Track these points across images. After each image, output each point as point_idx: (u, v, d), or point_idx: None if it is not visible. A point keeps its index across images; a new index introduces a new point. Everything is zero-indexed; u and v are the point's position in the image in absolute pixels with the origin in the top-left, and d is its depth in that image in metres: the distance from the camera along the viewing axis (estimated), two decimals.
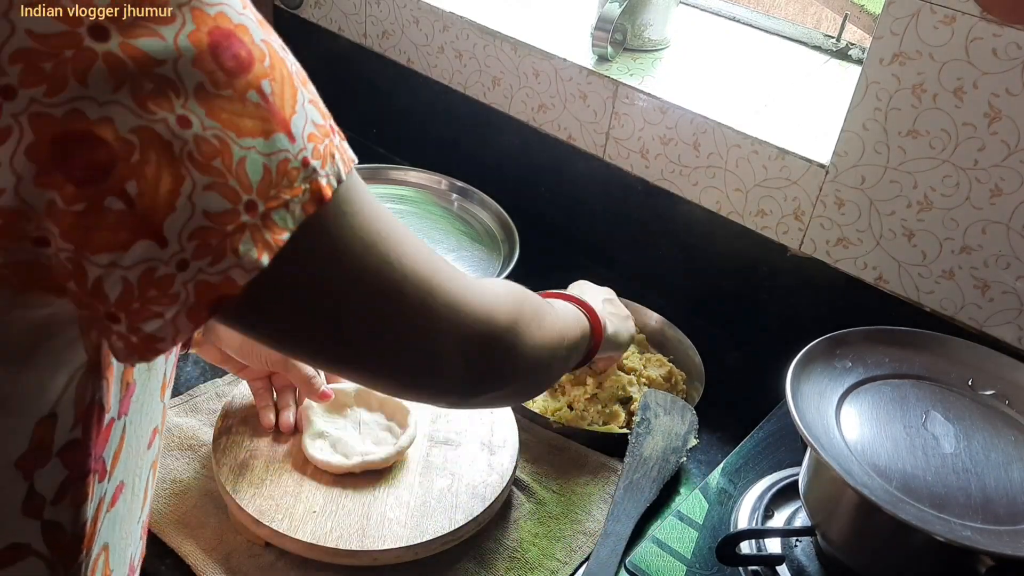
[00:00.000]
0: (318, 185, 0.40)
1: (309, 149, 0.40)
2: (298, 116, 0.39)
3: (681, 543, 0.79)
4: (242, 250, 0.38)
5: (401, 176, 1.31)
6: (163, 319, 0.38)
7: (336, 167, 0.42)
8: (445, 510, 0.78)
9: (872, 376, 0.76)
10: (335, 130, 0.43)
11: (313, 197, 0.40)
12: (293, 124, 0.39)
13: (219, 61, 0.36)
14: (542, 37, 1.18)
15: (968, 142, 0.84)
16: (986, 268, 0.88)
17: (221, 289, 0.38)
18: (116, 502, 0.49)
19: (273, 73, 0.39)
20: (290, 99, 0.39)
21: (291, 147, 0.39)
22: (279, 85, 0.39)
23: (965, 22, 0.80)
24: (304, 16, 1.45)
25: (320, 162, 0.40)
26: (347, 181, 0.43)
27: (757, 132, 1.00)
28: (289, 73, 0.40)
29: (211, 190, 0.36)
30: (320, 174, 0.40)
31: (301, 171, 0.39)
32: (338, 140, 0.43)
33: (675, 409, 0.93)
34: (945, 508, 0.64)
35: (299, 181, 0.39)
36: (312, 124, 0.40)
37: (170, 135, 0.35)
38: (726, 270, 1.09)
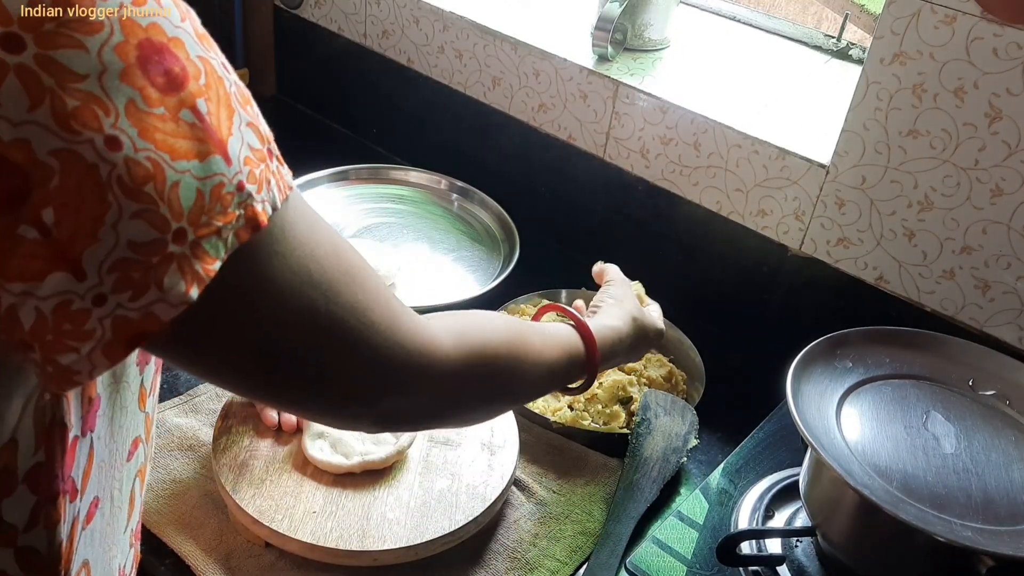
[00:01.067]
0: (253, 211, 0.38)
1: (245, 173, 0.38)
2: (235, 138, 0.37)
3: (681, 543, 0.79)
4: (167, 283, 0.35)
5: (401, 176, 1.31)
6: (78, 353, 0.35)
7: (272, 194, 0.40)
8: (445, 510, 0.78)
9: (872, 376, 0.76)
10: (274, 154, 0.41)
11: (248, 223, 0.38)
12: (230, 146, 0.37)
13: (150, 76, 0.34)
14: (542, 37, 1.18)
15: (969, 142, 0.84)
16: (987, 268, 0.88)
17: (141, 326, 0.36)
18: (92, 518, 0.48)
19: (209, 92, 0.36)
20: (227, 120, 0.37)
21: (227, 170, 0.37)
22: (215, 105, 0.36)
23: (966, 22, 0.80)
24: (304, 16, 1.45)
25: (256, 187, 0.38)
26: (283, 209, 0.41)
27: (757, 132, 1.00)
28: (227, 93, 0.37)
29: (139, 218, 0.34)
30: (256, 199, 0.38)
31: (235, 196, 0.37)
32: (275, 165, 0.41)
33: (675, 409, 0.93)
34: (945, 508, 0.64)
35: (233, 206, 0.37)
36: (248, 147, 0.38)
37: (96, 158, 0.32)
38: (726, 270, 1.09)
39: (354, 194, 1.27)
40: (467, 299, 1.06)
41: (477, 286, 1.11)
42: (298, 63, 1.53)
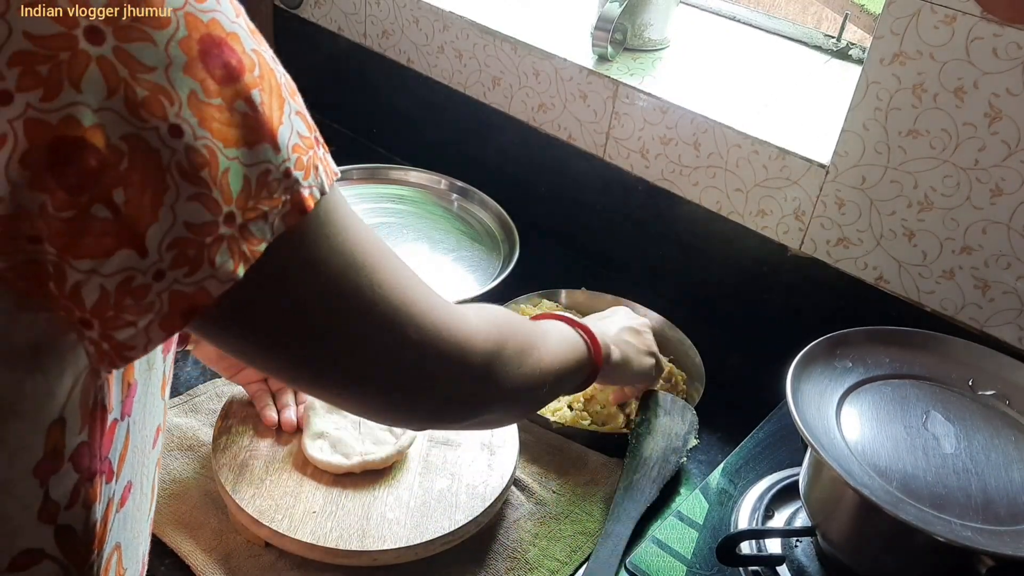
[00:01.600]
0: (299, 196, 0.40)
1: (292, 160, 0.39)
2: (284, 127, 0.39)
3: (681, 543, 0.79)
4: (218, 261, 0.38)
5: (401, 176, 1.31)
6: (136, 328, 0.37)
7: (320, 179, 0.41)
8: (445, 510, 0.78)
9: (872, 376, 0.76)
10: (320, 142, 0.43)
11: (294, 208, 0.40)
12: (280, 134, 0.39)
13: (209, 69, 0.36)
14: (542, 37, 1.18)
15: (969, 142, 0.84)
16: (987, 268, 0.88)
17: (195, 299, 0.38)
18: (126, 502, 0.49)
19: (263, 83, 0.38)
20: (278, 109, 0.39)
21: (275, 158, 0.39)
22: (268, 95, 0.38)
23: (965, 22, 0.80)
24: (304, 16, 1.45)
25: (303, 173, 0.40)
26: (329, 194, 0.42)
27: (757, 132, 1.00)
28: (278, 84, 0.40)
29: (194, 201, 0.36)
30: (302, 185, 0.40)
31: (282, 182, 0.39)
32: (322, 152, 0.43)
33: (675, 409, 0.93)
34: (945, 508, 0.64)
35: (279, 192, 0.39)
36: (297, 135, 0.40)
37: (159, 143, 0.35)
38: (726, 270, 1.09)
39: (354, 194, 1.27)
40: (467, 299, 1.06)
41: (477, 286, 1.11)
42: (298, 63, 1.51)
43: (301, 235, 0.41)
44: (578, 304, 1.10)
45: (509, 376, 0.59)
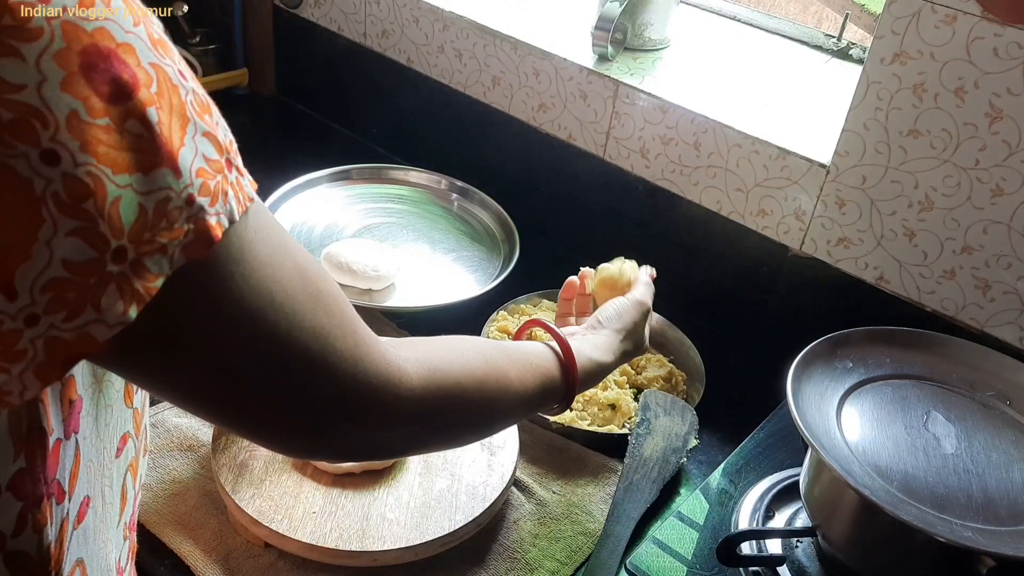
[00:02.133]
0: (205, 225, 0.36)
1: (197, 185, 0.36)
2: (187, 149, 0.35)
3: (681, 544, 0.79)
4: (105, 304, 0.34)
5: (401, 176, 1.31)
6: (8, 375, 0.34)
7: (229, 206, 0.38)
8: (445, 510, 0.78)
9: (873, 376, 0.75)
10: (233, 165, 0.39)
11: (198, 238, 0.36)
12: (181, 158, 0.35)
13: (94, 85, 0.32)
14: (542, 37, 1.18)
15: (969, 142, 0.84)
16: (987, 268, 0.88)
17: (76, 347, 0.34)
18: (84, 517, 0.47)
19: (161, 100, 0.34)
20: (179, 130, 0.35)
21: (175, 184, 0.35)
22: (167, 114, 0.35)
23: (966, 22, 0.80)
24: (304, 16, 1.45)
25: (209, 199, 0.36)
26: (242, 223, 0.39)
27: (757, 132, 1.00)
28: (181, 102, 0.36)
29: (75, 236, 0.32)
30: (208, 212, 0.36)
31: (184, 210, 0.35)
32: (235, 176, 0.39)
33: (675, 410, 0.93)
34: (946, 509, 0.64)
35: (181, 221, 0.35)
36: (203, 158, 0.36)
37: (30, 172, 0.31)
38: (726, 270, 1.09)
39: (354, 194, 1.27)
40: (467, 299, 1.06)
41: (477, 286, 1.11)
42: (298, 63, 1.52)
43: (208, 268, 0.37)
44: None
45: (438, 422, 0.54)
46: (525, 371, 0.62)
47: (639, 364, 1.01)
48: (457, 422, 0.57)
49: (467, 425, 0.59)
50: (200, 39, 1.50)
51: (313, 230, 1.19)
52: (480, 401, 0.57)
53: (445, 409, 0.53)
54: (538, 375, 0.64)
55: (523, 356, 0.64)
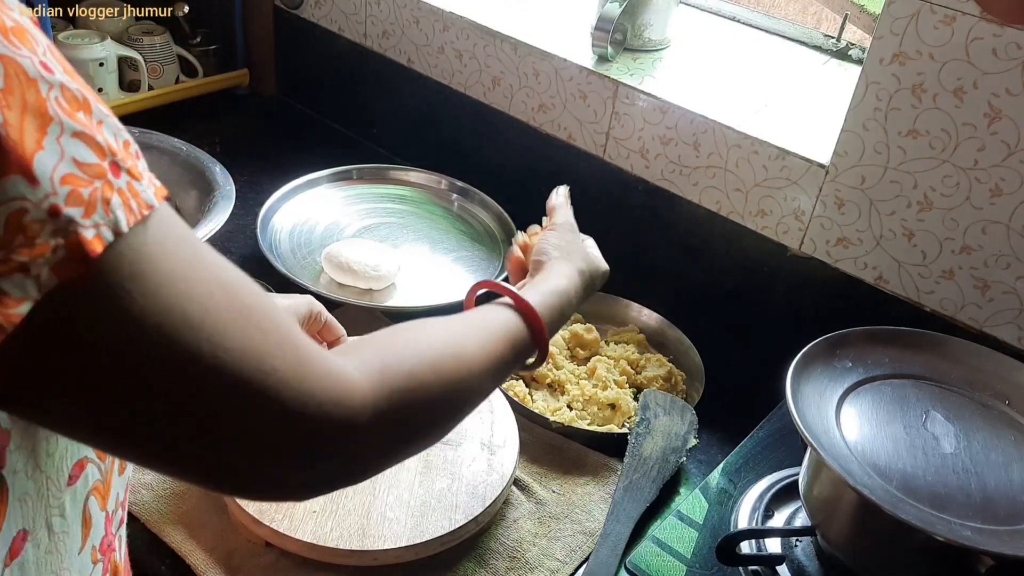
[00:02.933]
0: (78, 238, 0.32)
1: (62, 194, 0.31)
2: (46, 153, 0.31)
3: (681, 543, 0.79)
4: None
5: (401, 176, 1.31)
6: None
7: (112, 215, 0.33)
8: (445, 510, 0.78)
9: (872, 376, 0.76)
10: (122, 168, 0.34)
11: (71, 255, 0.32)
12: (36, 163, 0.31)
13: None
14: (542, 37, 1.18)
15: (968, 142, 0.84)
16: (986, 268, 0.88)
17: None
18: (19, 552, 0.45)
19: (9, 99, 0.31)
20: (35, 131, 0.31)
21: (30, 193, 0.31)
22: (16, 113, 0.31)
23: (965, 22, 0.80)
24: (304, 16, 1.45)
25: (82, 209, 0.32)
26: (138, 234, 0.34)
27: (757, 132, 1.00)
28: (40, 98, 0.32)
29: None
30: (81, 224, 0.32)
31: (47, 223, 0.31)
32: (125, 181, 0.34)
33: (675, 409, 0.93)
34: (945, 508, 0.64)
35: (44, 236, 0.31)
36: (72, 162, 0.32)
37: None
38: (726, 270, 1.09)
39: (354, 194, 1.27)
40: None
41: None
42: (298, 63, 1.53)
43: (92, 288, 0.33)
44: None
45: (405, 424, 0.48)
46: (483, 337, 0.58)
47: (639, 364, 1.01)
48: (425, 414, 0.51)
49: (438, 414, 0.53)
50: (201, 39, 1.50)
51: (313, 230, 1.19)
52: (441, 385, 0.51)
53: (406, 407, 0.47)
54: (500, 335, 0.59)
55: (478, 322, 0.60)
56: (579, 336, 1.03)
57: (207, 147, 1.24)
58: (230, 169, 1.18)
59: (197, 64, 1.48)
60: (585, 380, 0.98)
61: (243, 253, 1.15)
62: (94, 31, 1.37)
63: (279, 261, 1.09)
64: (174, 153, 1.20)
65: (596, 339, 1.04)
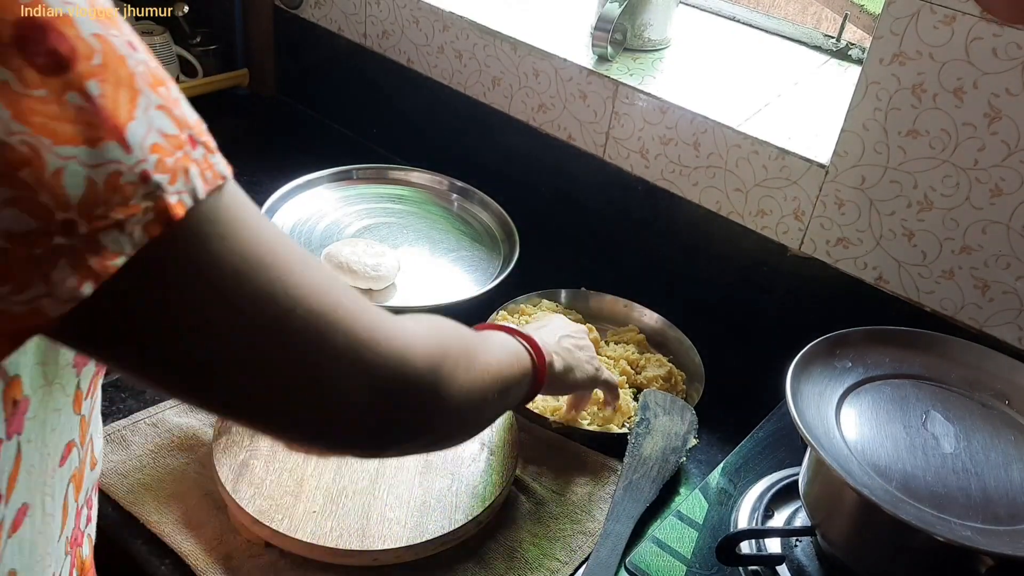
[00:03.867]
0: (164, 203, 0.35)
1: (151, 161, 0.34)
2: (137, 123, 0.34)
3: (681, 543, 0.79)
4: (55, 277, 0.33)
5: (401, 176, 1.31)
6: None
7: (191, 183, 0.36)
8: (445, 510, 0.78)
9: (872, 376, 0.76)
10: (198, 142, 0.37)
11: (158, 217, 0.35)
12: (129, 132, 0.34)
13: (28, 56, 0.31)
14: (542, 37, 1.18)
15: (968, 142, 0.84)
16: (986, 268, 0.88)
17: (26, 321, 0.33)
18: (20, 526, 0.46)
19: (105, 73, 0.33)
20: (127, 103, 0.34)
21: (125, 158, 0.33)
22: (112, 86, 0.33)
23: (965, 22, 0.80)
24: (304, 16, 1.45)
25: (168, 177, 0.35)
26: (213, 201, 0.37)
27: (757, 132, 1.00)
28: (130, 73, 0.34)
29: (12, 206, 0.31)
30: (167, 191, 0.35)
31: (139, 187, 0.34)
32: (200, 153, 0.37)
33: (675, 409, 0.93)
34: (945, 508, 0.64)
35: (137, 198, 0.34)
36: (158, 133, 0.35)
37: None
38: (726, 270, 1.09)
39: (354, 194, 1.27)
40: (467, 299, 1.06)
41: (477, 286, 1.11)
42: (298, 63, 1.53)
43: (173, 246, 0.36)
44: (578, 304, 1.10)
45: (455, 386, 0.51)
46: (502, 347, 0.66)
47: (639, 364, 1.01)
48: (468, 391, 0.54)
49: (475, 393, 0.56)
50: (200, 39, 1.50)
51: (313, 230, 1.19)
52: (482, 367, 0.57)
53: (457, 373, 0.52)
54: (511, 351, 0.67)
55: (491, 336, 0.67)
56: None
57: None
58: None
59: (197, 64, 1.48)
60: None
61: None
62: None
63: None
64: None
65: (596, 339, 1.04)
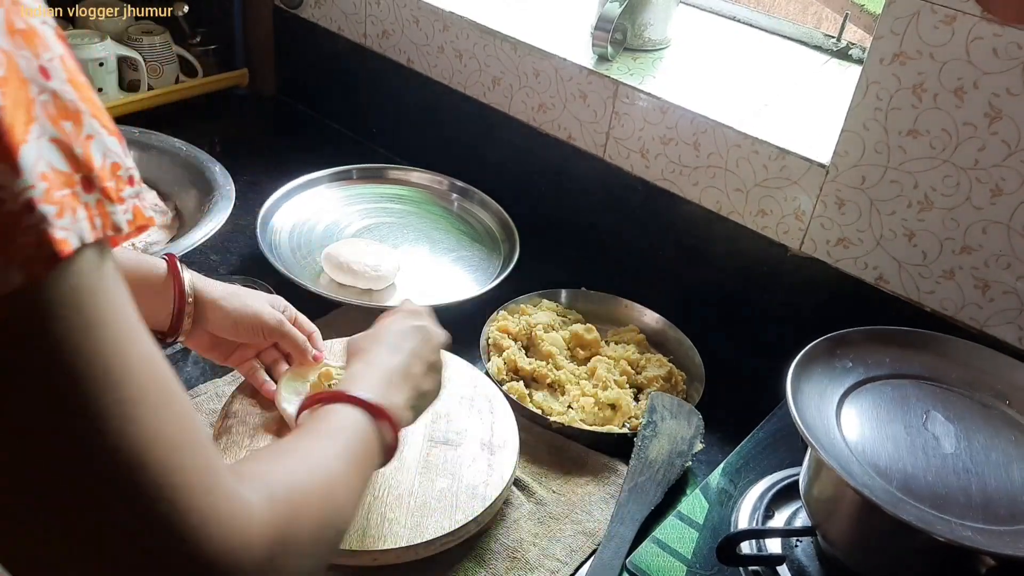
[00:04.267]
0: (49, 237, 0.30)
1: (40, 190, 0.30)
2: (30, 147, 0.30)
3: (681, 543, 0.79)
4: None
5: (401, 176, 1.31)
6: None
7: (79, 226, 0.31)
8: (445, 510, 0.78)
9: (872, 376, 0.76)
10: (97, 188, 0.33)
11: (43, 254, 0.30)
12: (22, 154, 0.30)
13: None
14: (542, 37, 1.18)
15: (968, 142, 0.84)
16: (986, 268, 0.88)
17: None
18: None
19: (5, 88, 0.30)
20: (22, 124, 0.30)
21: (12, 183, 0.30)
22: (11, 102, 0.30)
23: (965, 22, 0.80)
24: (304, 16, 1.45)
25: (55, 209, 0.31)
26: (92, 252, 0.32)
27: (757, 132, 1.00)
28: (29, 98, 0.31)
29: None
30: (53, 224, 0.30)
31: (24, 216, 0.30)
32: (94, 198, 0.33)
33: (681, 413, 0.93)
34: (945, 508, 0.64)
35: (20, 233, 0.30)
36: (48, 165, 0.31)
37: None
38: (726, 270, 1.09)
39: (354, 194, 1.27)
40: (467, 299, 1.06)
41: (477, 286, 1.11)
42: (298, 63, 1.53)
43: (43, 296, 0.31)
44: (578, 304, 1.10)
45: (294, 568, 0.42)
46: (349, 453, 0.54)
47: (639, 364, 1.01)
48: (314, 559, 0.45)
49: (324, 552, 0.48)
50: (200, 39, 1.50)
51: (313, 230, 1.19)
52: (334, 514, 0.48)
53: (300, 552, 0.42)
54: (358, 445, 0.56)
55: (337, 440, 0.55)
56: (579, 336, 1.03)
57: (207, 147, 1.24)
58: (230, 169, 1.18)
59: (197, 64, 1.48)
60: (585, 380, 0.98)
61: (243, 253, 1.15)
62: (94, 31, 1.37)
63: (279, 261, 1.09)
64: (174, 153, 1.20)
65: (596, 339, 1.04)
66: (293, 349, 0.85)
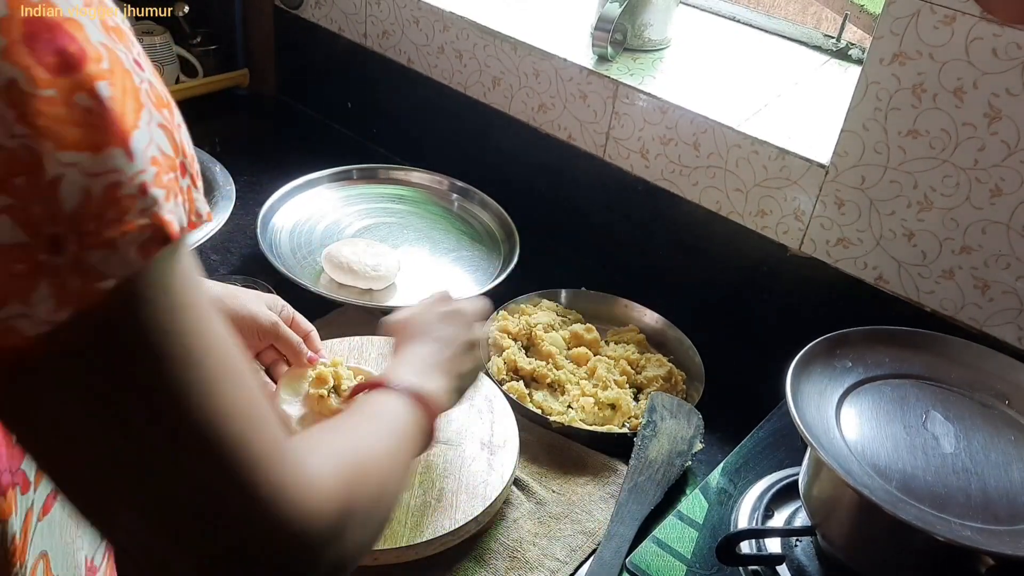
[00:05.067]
0: (160, 220, 0.32)
1: (151, 174, 0.32)
2: (141, 132, 0.32)
3: (681, 543, 0.79)
4: (35, 297, 0.30)
5: (401, 176, 1.31)
6: None
7: (179, 210, 0.33)
8: (445, 510, 0.78)
9: (872, 376, 0.76)
10: (189, 174, 0.35)
11: (155, 236, 0.32)
12: (134, 139, 0.31)
13: (38, 55, 0.29)
14: (542, 37, 1.18)
15: (968, 142, 0.84)
16: (986, 268, 0.88)
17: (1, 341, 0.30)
18: (49, 510, 0.46)
19: (113, 77, 0.31)
20: (133, 111, 0.32)
21: (127, 166, 0.31)
22: (120, 90, 0.31)
23: (965, 22, 0.80)
24: (304, 16, 1.45)
25: (164, 192, 0.32)
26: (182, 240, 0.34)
27: (757, 132, 1.00)
28: (135, 86, 0.32)
29: (5, 215, 0.29)
30: (163, 207, 0.32)
31: (137, 200, 0.31)
32: (187, 183, 0.34)
33: (681, 413, 0.93)
34: (945, 508, 0.64)
35: (133, 214, 0.31)
36: (158, 148, 0.32)
37: None
38: (726, 270, 1.09)
39: (354, 194, 1.27)
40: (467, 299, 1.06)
41: (477, 286, 1.11)
42: (298, 63, 1.53)
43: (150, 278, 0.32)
44: (578, 304, 1.10)
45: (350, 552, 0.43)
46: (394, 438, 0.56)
47: (639, 364, 1.01)
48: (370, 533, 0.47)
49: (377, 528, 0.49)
50: (201, 39, 1.50)
51: (313, 230, 1.19)
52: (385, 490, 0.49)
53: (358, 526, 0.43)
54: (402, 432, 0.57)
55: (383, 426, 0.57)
56: (579, 336, 1.03)
57: (207, 147, 1.24)
58: (230, 169, 1.18)
59: (197, 64, 1.48)
60: (585, 380, 0.98)
61: (243, 253, 1.15)
62: None
63: (279, 261, 1.09)
64: None
65: (596, 339, 1.04)
66: (288, 351, 0.84)
